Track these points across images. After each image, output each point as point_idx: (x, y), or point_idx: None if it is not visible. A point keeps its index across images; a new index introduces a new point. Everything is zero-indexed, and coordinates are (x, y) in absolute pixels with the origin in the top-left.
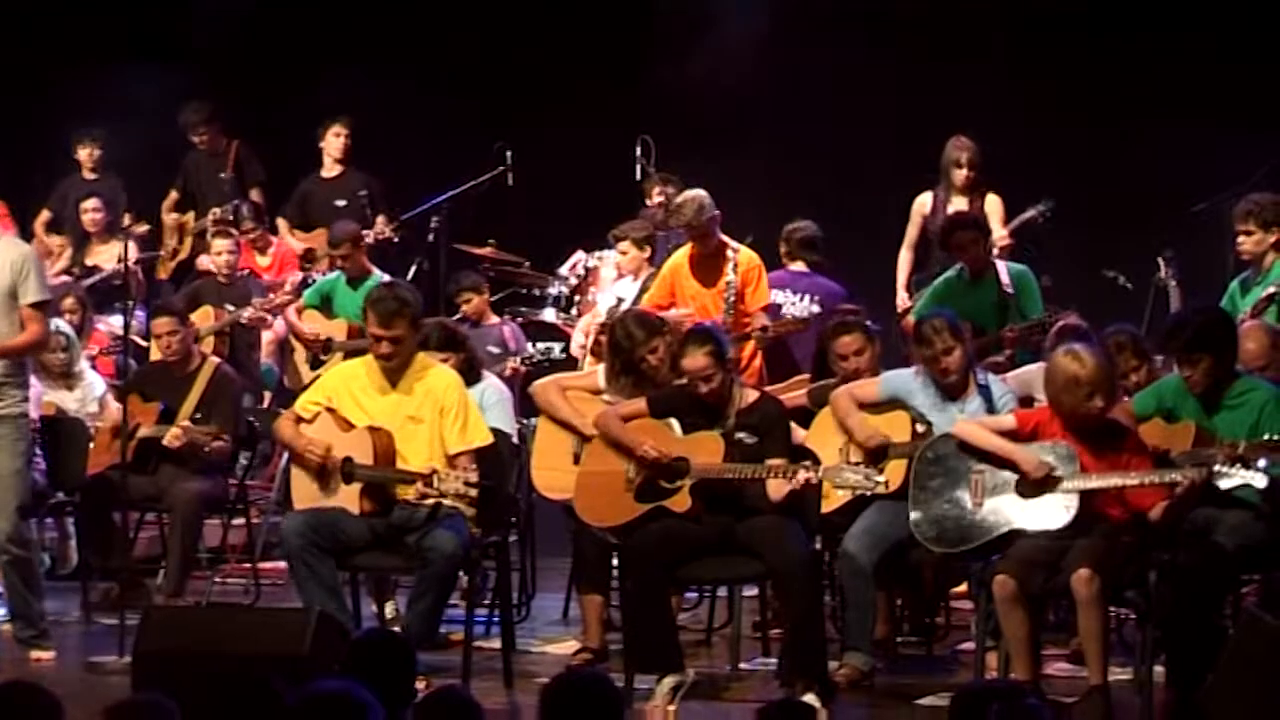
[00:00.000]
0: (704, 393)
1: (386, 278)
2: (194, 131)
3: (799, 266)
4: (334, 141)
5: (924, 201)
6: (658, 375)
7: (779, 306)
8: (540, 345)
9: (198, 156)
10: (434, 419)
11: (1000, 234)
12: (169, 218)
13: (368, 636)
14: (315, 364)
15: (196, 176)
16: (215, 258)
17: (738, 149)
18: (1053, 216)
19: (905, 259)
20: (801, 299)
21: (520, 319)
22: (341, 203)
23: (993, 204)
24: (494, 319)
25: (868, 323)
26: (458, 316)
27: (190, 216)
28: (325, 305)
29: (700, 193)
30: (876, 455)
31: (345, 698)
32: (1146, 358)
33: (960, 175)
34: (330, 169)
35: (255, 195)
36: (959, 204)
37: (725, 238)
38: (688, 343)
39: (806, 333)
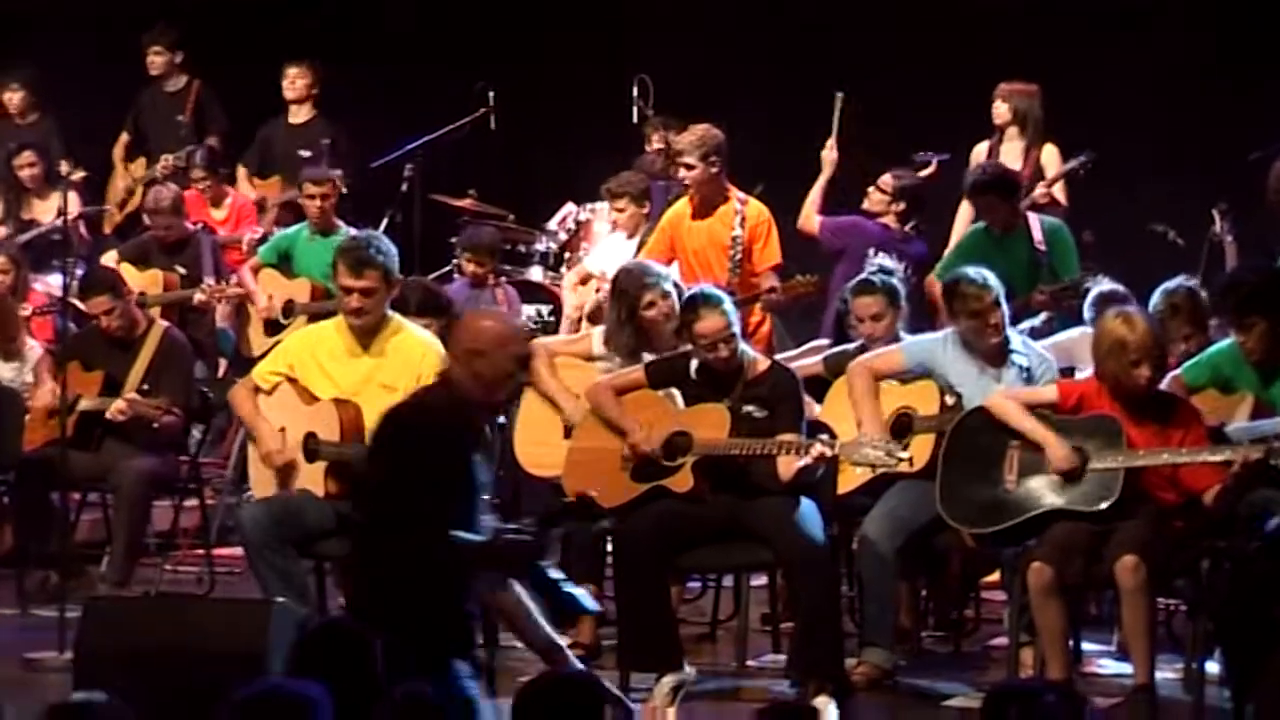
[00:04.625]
0: (722, 357)
1: (354, 232)
2: (150, 47)
3: (890, 221)
4: (289, 88)
5: (980, 151)
6: (659, 329)
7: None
8: (531, 310)
9: (153, 95)
10: (409, 388)
11: (1041, 189)
12: (121, 164)
13: (321, 628)
14: (274, 329)
15: (151, 117)
16: (155, 229)
17: (746, 89)
18: (1093, 168)
19: (964, 213)
20: (878, 256)
21: (505, 278)
22: (306, 153)
23: (1050, 154)
24: (490, 280)
25: (897, 285)
26: (438, 275)
27: (141, 162)
28: (284, 263)
29: (710, 129)
30: (900, 430)
31: (282, 699)
32: (1203, 327)
33: (998, 115)
34: (296, 115)
35: (214, 144)
36: (1011, 152)
37: (732, 188)
38: (699, 305)
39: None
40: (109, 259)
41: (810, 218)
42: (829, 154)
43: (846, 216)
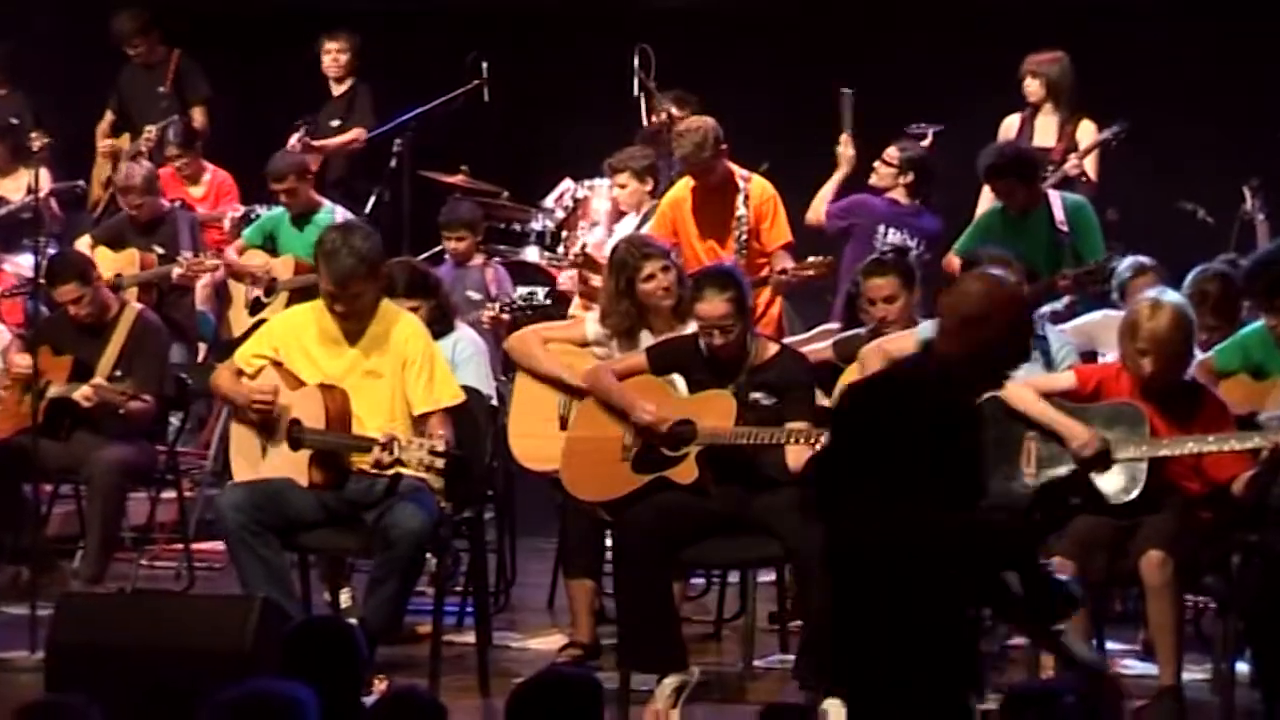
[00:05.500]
0: (717, 345)
1: (339, 212)
2: (128, 43)
3: (899, 195)
4: (331, 65)
5: (1010, 124)
6: (659, 305)
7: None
8: (523, 290)
9: (133, 71)
10: (395, 373)
11: (1073, 160)
12: (104, 144)
13: (304, 625)
14: (255, 308)
15: (132, 93)
16: (123, 195)
17: (750, 59)
18: (1126, 139)
19: (989, 193)
20: (888, 234)
21: (498, 259)
22: (336, 122)
23: (1086, 131)
24: (478, 259)
25: (912, 266)
26: (429, 255)
27: (125, 139)
28: (269, 245)
29: (705, 123)
30: None
31: (268, 700)
32: (1230, 318)
33: (1030, 93)
34: (338, 87)
35: (198, 115)
36: (1046, 127)
37: (735, 166)
38: (705, 284)
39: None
40: (83, 243)
41: (818, 211)
42: (845, 150)
43: (851, 196)
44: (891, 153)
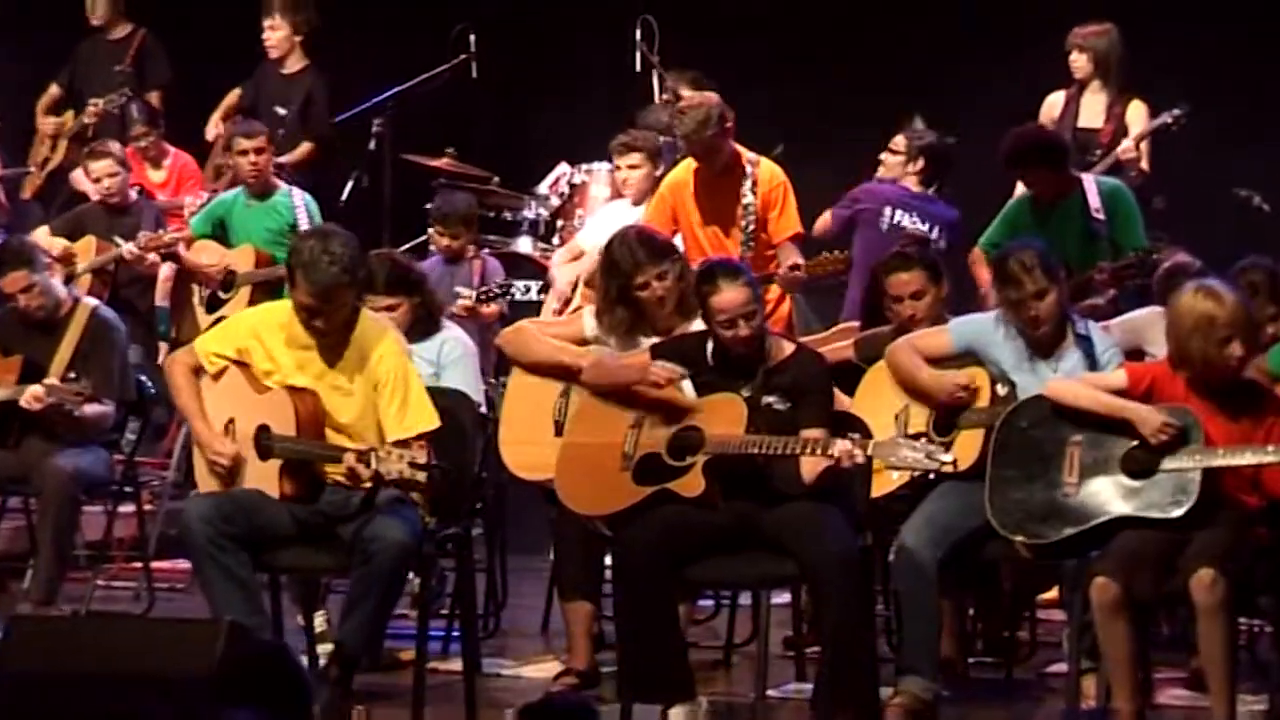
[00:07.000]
0: (742, 336)
1: (296, 194)
2: (94, 14)
3: (909, 184)
4: (272, 47)
5: (1054, 103)
6: (656, 311)
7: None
8: (520, 286)
9: (93, 44)
10: (366, 394)
11: (1126, 145)
12: (46, 122)
13: (249, 650)
14: (213, 305)
15: (88, 67)
16: (96, 183)
17: (762, 33)
18: (1187, 123)
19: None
20: (896, 215)
21: (488, 250)
22: (282, 111)
23: (1136, 112)
24: (468, 252)
25: (935, 259)
26: (411, 246)
27: (68, 116)
28: (221, 233)
29: (709, 99)
30: (943, 426)
31: None
32: None
33: (1077, 69)
34: (289, 65)
35: (154, 99)
36: (1093, 106)
37: (741, 149)
38: (718, 276)
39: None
40: (41, 235)
41: (826, 219)
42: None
43: (856, 187)
44: (899, 141)
